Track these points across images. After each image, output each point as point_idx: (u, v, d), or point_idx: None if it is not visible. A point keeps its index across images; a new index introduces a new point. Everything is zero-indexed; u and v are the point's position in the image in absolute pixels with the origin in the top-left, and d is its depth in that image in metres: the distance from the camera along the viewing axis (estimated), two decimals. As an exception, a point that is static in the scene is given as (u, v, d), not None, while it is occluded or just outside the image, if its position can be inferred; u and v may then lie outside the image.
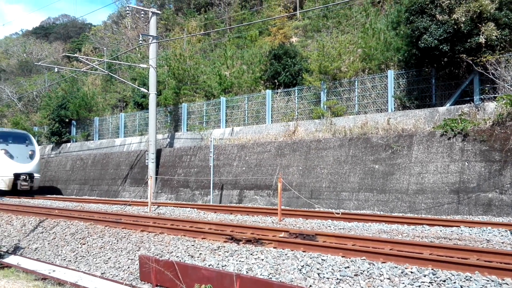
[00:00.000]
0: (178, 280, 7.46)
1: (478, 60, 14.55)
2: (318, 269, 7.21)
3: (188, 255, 9.10)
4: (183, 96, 26.93)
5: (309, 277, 7.03)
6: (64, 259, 11.35)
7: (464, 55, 14.68)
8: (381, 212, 13.71)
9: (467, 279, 6.10)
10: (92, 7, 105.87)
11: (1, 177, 24.64)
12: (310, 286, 6.75)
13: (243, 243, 9.23)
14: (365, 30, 23.73)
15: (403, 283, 6.27)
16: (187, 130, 25.40)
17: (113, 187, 26.07)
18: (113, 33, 53.16)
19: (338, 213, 11.34)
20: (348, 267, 7.07)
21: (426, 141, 14.48)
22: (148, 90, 22.90)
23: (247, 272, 7.61)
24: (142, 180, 23.62)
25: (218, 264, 8.19)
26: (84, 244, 11.79)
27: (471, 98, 15.27)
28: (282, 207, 13.26)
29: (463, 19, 14.53)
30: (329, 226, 10.55)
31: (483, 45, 14.47)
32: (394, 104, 17.57)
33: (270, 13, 34.82)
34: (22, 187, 24.86)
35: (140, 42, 24.03)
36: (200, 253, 9.07)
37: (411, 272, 6.54)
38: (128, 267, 9.63)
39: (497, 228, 9.40)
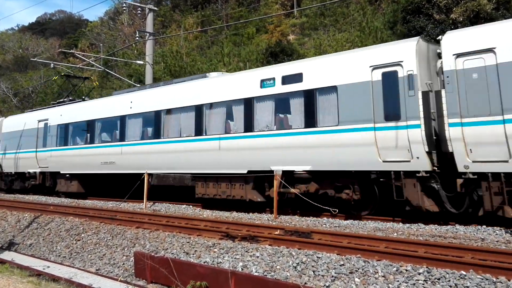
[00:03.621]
0: (173, 276, 7.45)
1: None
2: (313, 266, 7.22)
3: (184, 252, 9.09)
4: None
5: (304, 274, 7.03)
6: (59, 255, 11.32)
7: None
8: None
9: (461, 277, 6.12)
10: (88, 3, 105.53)
11: None
12: (305, 283, 6.75)
13: (238, 240, 9.22)
14: (362, 28, 23.80)
15: (398, 281, 6.28)
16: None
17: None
18: (109, 30, 53.02)
19: (335, 211, 11.34)
20: (343, 264, 7.08)
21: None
22: (145, 87, 22.84)
23: (242, 269, 7.60)
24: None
25: (213, 261, 8.18)
26: (79, 240, 11.76)
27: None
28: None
29: (461, 19, 14.61)
30: (325, 224, 10.56)
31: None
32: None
33: (267, 10, 34.80)
34: None
35: (137, 38, 23.99)
36: (196, 250, 9.06)
37: (406, 270, 6.55)
38: (123, 264, 9.60)
39: (492, 226, 9.43)
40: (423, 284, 6.14)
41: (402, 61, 10.01)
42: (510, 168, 8.60)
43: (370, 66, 10.45)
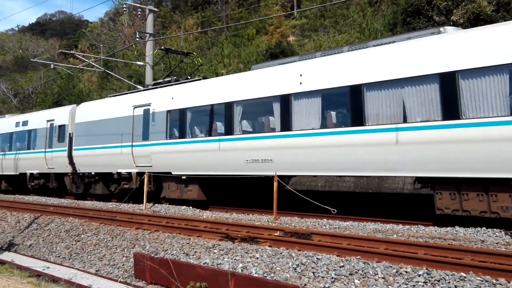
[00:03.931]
0: (173, 278, 7.45)
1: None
2: (313, 268, 7.22)
3: (183, 253, 9.09)
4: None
5: (304, 276, 7.03)
6: (59, 256, 11.32)
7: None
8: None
9: (461, 279, 6.12)
10: (89, 3, 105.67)
11: None
12: (305, 284, 6.75)
13: (238, 241, 9.22)
14: (362, 30, 23.82)
15: (398, 283, 6.29)
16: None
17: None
18: (109, 30, 53.07)
19: (334, 211, 11.33)
20: (343, 266, 7.08)
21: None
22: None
23: (242, 270, 7.60)
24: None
25: (213, 262, 8.18)
26: (78, 241, 11.76)
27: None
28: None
29: (461, 21, 14.63)
30: (324, 225, 10.56)
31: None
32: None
33: (268, 11, 34.84)
34: None
35: (137, 39, 23.99)
36: (195, 251, 9.06)
37: (406, 272, 6.55)
38: (123, 265, 9.60)
39: (491, 228, 9.44)
40: (423, 286, 6.14)
41: None
42: None
43: None
